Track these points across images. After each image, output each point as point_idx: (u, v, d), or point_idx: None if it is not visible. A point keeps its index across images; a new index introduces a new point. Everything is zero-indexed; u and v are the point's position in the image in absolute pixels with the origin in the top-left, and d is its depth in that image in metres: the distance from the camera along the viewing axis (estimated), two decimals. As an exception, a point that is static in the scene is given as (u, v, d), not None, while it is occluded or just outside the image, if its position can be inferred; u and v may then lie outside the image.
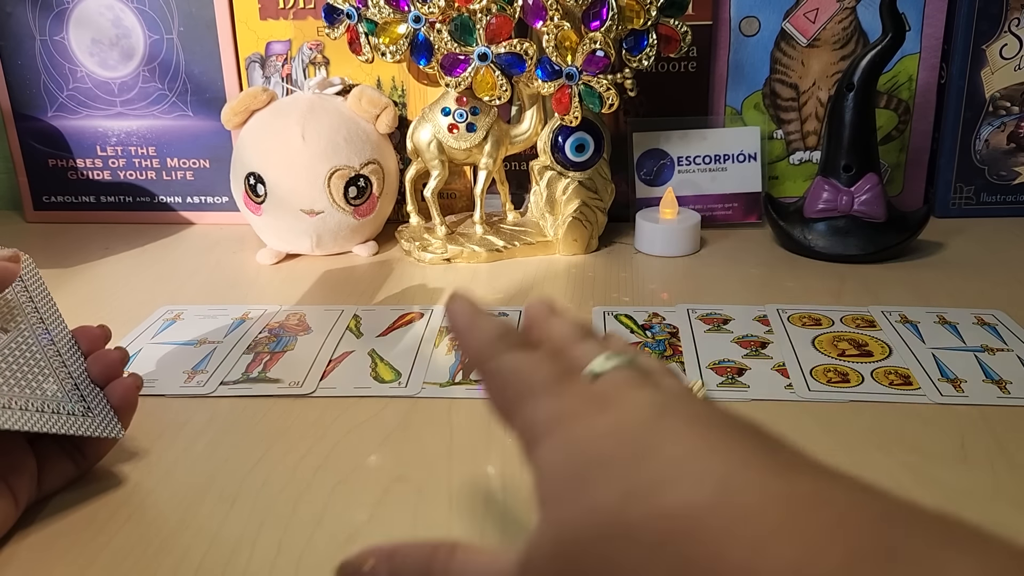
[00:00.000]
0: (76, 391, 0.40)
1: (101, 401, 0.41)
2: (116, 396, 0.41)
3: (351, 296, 0.65)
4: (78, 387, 0.40)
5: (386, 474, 0.42)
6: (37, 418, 0.37)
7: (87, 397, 0.40)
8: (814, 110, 0.80)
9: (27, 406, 0.37)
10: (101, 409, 0.40)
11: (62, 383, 0.40)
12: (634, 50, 0.67)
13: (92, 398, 0.40)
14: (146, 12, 0.78)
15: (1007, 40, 0.76)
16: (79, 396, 0.40)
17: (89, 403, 0.40)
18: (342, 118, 0.71)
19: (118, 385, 0.41)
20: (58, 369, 0.40)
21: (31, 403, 0.37)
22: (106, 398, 0.41)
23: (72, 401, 0.39)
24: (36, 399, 0.38)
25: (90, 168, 0.83)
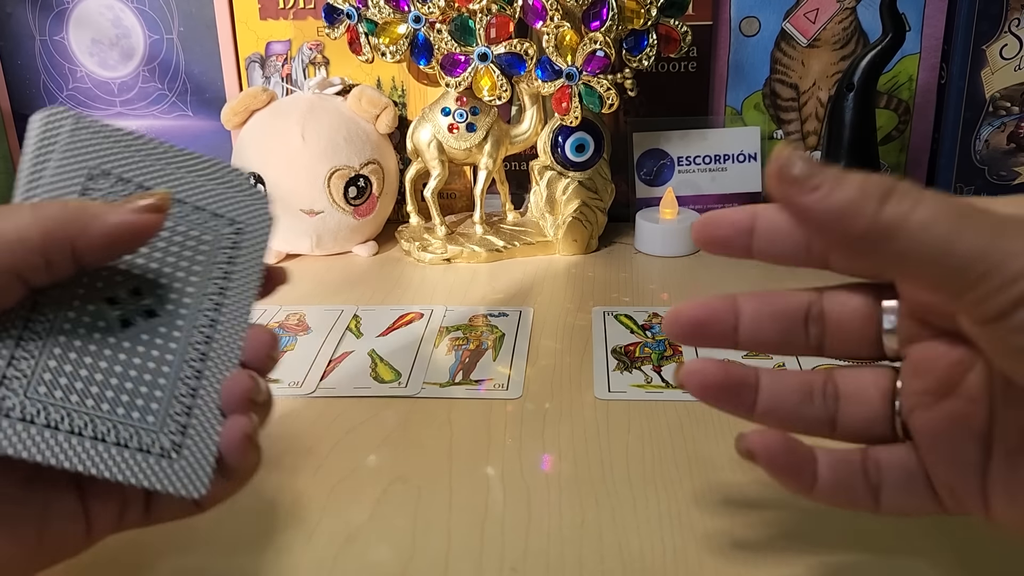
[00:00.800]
0: (182, 418, 0.30)
1: (208, 440, 0.30)
2: (225, 438, 0.30)
3: (351, 296, 0.65)
4: (189, 412, 0.30)
5: (386, 474, 0.42)
6: (95, 453, 0.28)
7: (190, 429, 0.30)
8: (814, 110, 0.79)
9: (104, 434, 0.28)
10: (198, 451, 0.30)
11: (170, 403, 0.30)
12: (634, 50, 0.67)
13: (197, 432, 0.30)
14: (146, 12, 0.78)
15: (1007, 40, 0.76)
16: (179, 427, 0.29)
17: (187, 438, 0.29)
18: (342, 118, 0.71)
19: (230, 424, 0.30)
20: (183, 381, 0.30)
21: (115, 430, 0.28)
22: (217, 436, 0.30)
23: (161, 432, 0.29)
24: (124, 423, 0.29)
25: (90, 168, 0.82)
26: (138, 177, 0.31)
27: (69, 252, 0.27)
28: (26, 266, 0.26)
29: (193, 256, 0.31)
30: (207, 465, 0.30)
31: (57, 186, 0.29)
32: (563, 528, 0.38)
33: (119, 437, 0.28)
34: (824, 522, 0.38)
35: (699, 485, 0.41)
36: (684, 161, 0.78)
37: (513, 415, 0.47)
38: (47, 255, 0.27)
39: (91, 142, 0.30)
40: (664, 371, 0.52)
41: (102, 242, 0.28)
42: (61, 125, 0.30)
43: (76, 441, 0.27)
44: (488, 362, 0.53)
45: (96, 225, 0.27)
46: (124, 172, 0.31)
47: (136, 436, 0.29)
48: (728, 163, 0.78)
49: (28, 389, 0.27)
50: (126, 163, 0.31)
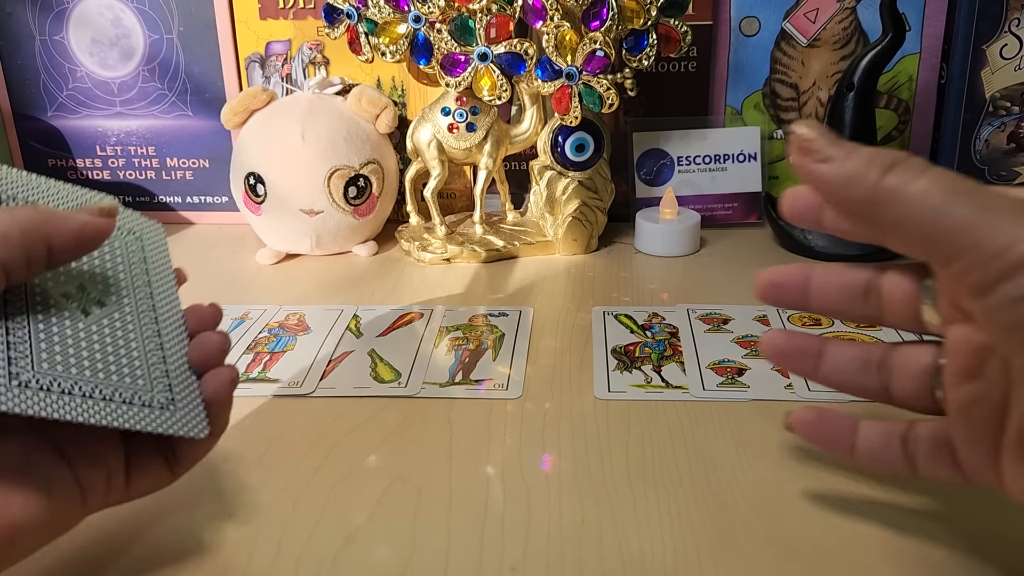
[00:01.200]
0: (164, 379, 0.34)
1: (191, 393, 0.35)
2: (209, 388, 0.35)
3: (351, 296, 0.65)
4: (169, 375, 0.35)
5: (385, 474, 0.42)
6: (112, 409, 0.32)
7: (175, 387, 0.35)
8: (814, 110, 0.79)
9: (110, 395, 0.32)
10: (187, 403, 0.35)
11: (150, 369, 0.34)
12: (634, 50, 0.67)
13: (181, 389, 0.35)
14: (146, 12, 0.78)
15: (1007, 40, 0.76)
16: (166, 386, 0.34)
17: (175, 394, 0.34)
18: (342, 118, 0.71)
19: (213, 377, 0.36)
20: (152, 352, 0.35)
21: (114, 392, 0.32)
22: (199, 390, 0.35)
23: (155, 391, 0.34)
24: (117, 387, 0.33)
25: (90, 168, 0.83)
26: (21, 196, 0.35)
27: (45, 249, 0.30)
28: (9, 260, 0.29)
29: (115, 259, 0.37)
30: (200, 411, 0.35)
31: None
32: (563, 528, 0.38)
33: (124, 396, 0.32)
34: (824, 523, 0.38)
35: (699, 485, 0.41)
36: (684, 161, 0.78)
37: (513, 415, 0.47)
38: (27, 251, 0.30)
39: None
40: (664, 371, 0.52)
41: (72, 241, 0.31)
42: None
43: (92, 403, 0.31)
44: (488, 362, 0.53)
45: (67, 226, 0.31)
46: (27, 197, 0.34)
47: (137, 395, 0.33)
48: (728, 163, 0.78)
49: (34, 365, 0.30)
50: (25, 190, 0.34)
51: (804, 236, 0.70)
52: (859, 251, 0.68)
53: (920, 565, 0.35)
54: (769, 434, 0.45)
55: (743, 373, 0.51)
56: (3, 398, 0.29)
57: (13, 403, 0.29)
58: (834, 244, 0.69)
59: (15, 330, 0.31)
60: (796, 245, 0.71)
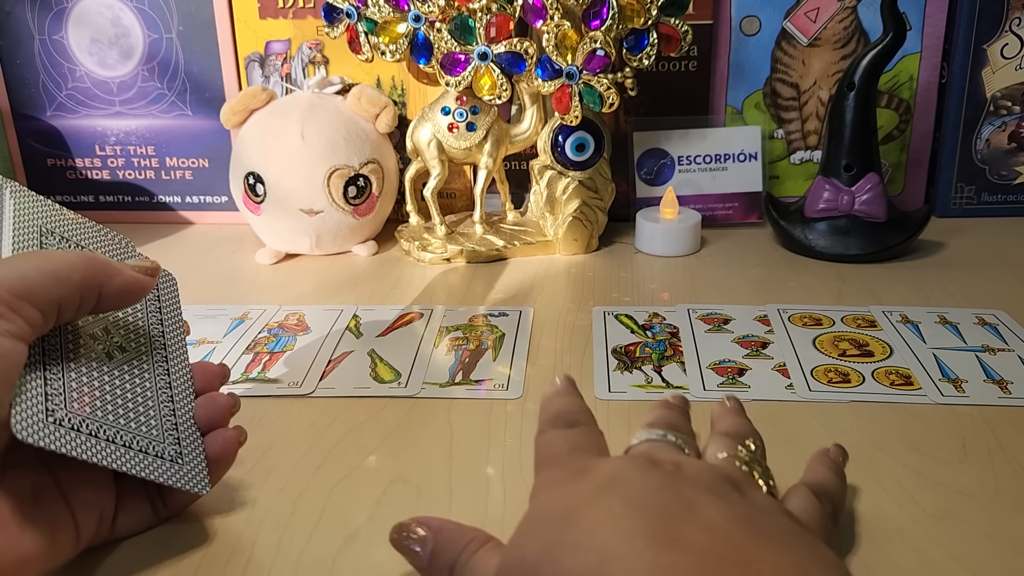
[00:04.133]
0: (174, 432, 0.36)
1: (196, 449, 0.36)
2: (215, 447, 0.37)
3: (351, 296, 0.64)
4: (177, 427, 0.36)
5: (385, 474, 0.42)
6: (130, 456, 0.33)
7: (183, 441, 0.36)
8: (815, 109, 0.79)
9: (129, 443, 0.33)
10: (193, 458, 0.36)
11: (162, 420, 0.36)
12: (634, 49, 0.67)
13: (188, 444, 0.36)
14: (145, 11, 0.78)
15: (1008, 40, 0.76)
16: (175, 439, 0.36)
17: (183, 448, 0.36)
18: (341, 117, 0.71)
19: (219, 436, 0.37)
20: (164, 404, 0.36)
21: (133, 439, 0.34)
22: (203, 447, 0.37)
23: (166, 443, 0.35)
24: (135, 435, 0.34)
25: (89, 168, 0.82)
26: (74, 238, 0.37)
27: (96, 296, 0.33)
28: (67, 302, 0.31)
29: (134, 307, 0.38)
30: (203, 469, 0.36)
31: (20, 239, 0.35)
32: (563, 528, 0.37)
33: (140, 445, 0.34)
34: (825, 522, 0.38)
35: (700, 485, 0.40)
36: (684, 160, 0.78)
37: (513, 415, 0.47)
38: (83, 296, 0.32)
39: (30, 205, 0.36)
40: (664, 371, 0.51)
41: (119, 293, 0.34)
42: (2, 191, 0.35)
43: (114, 448, 0.32)
44: (488, 362, 0.53)
45: (119, 279, 0.33)
46: (63, 232, 0.37)
47: (151, 444, 0.34)
48: (729, 162, 0.78)
49: (66, 404, 0.32)
50: (60, 225, 0.37)
51: (804, 236, 0.70)
52: (859, 251, 0.68)
53: (921, 565, 0.35)
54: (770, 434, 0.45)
55: (744, 373, 0.51)
56: (41, 434, 0.29)
57: (48, 439, 0.30)
58: (834, 244, 0.69)
59: (51, 366, 0.32)
60: (797, 245, 0.71)
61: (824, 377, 0.50)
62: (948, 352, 0.53)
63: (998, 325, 0.57)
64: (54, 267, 0.31)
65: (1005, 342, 0.54)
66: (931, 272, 0.67)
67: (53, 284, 0.31)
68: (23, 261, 0.31)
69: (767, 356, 0.53)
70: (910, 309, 0.59)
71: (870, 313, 0.59)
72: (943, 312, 0.59)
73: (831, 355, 0.53)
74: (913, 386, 0.49)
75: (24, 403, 0.30)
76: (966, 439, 0.44)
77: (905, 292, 0.63)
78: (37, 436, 0.29)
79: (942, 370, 0.51)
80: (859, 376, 0.50)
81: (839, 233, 0.69)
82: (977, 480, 0.40)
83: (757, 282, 0.66)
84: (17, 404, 0.30)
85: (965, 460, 0.42)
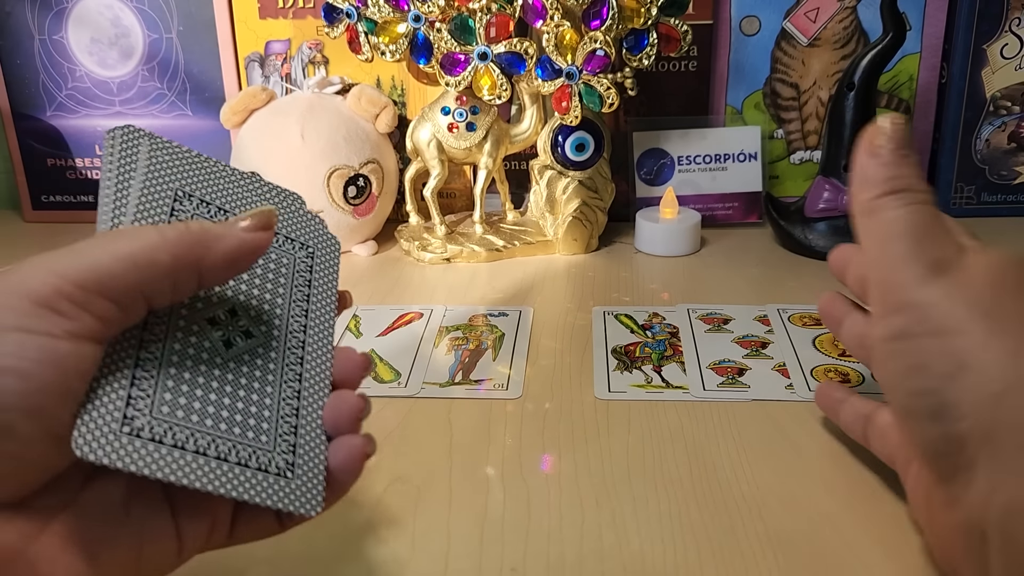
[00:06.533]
0: (291, 438, 0.30)
1: (315, 460, 0.30)
2: (338, 458, 0.30)
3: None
4: (296, 432, 0.30)
5: (385, 474, 0.42)
6: (222, 472, 0.27)
7: (299, 449, 0.30)
8: (815, 109, 0.79)
9: (226, 454, 0.28)
10: (307, 471, 0.29)
11: (279, 423, 0.30)
12: (634, 49, 0.67)
13: (305, 454, 0.30)
14: (145, 11, 0.78)
15: (1008, 40, 0.75)
16: (289, 447, 0.29)
17: (298, 457, 0.29)
18: (341, 117, 0.71)
19: (344, 444, 0.31)
20: (286, 402, 0.30)
21: (231, 450, 0.28)
22: (325, 458, 0.30)
23: (275, 452, 0.29)
24: (236, 443, 0.28)
25: (89, 168, 0.82)
26: (217, 200, 0.32)
27: (196, 273, 0.28)
28: (154, 288, 0.27)
29: (276, 279, 0.32)
30: (319, 484, 0.30)
31: (148, 208, 0.30)
32: (563, 528, 0.38)
33: (239, 457, 0.28)
34: (825, 523, 0.38)
35: (699, 485, 0.40)
36: (684, 160, 0.78)
37: (513, 415, 0.47)
38: (176, 277, 0.27)
39: (170, 163, 0.31)
40: (664, 371, 0.51)
41: (224, 262, 0.28)
42: (138, 145, 0.30)
43: (203, 461, 0.27)
44: (488, 362, 0.53)
45: (219, 246, 0.28)
46: (204, 194, 0.31)
47: (255, 456, 0.29)
48: (728, 162, 0.78)
49: (153, 409, 0.27)
50: (204, 185, 0.31)
51: (804, 236, 0.70)
52: (859, 251, 0.68)
53: (921, 565, 0.35)
54: (770, 434, 0.45)
55: (743, 373, 0.51)
56: (107, 449, 0.25)
57: (115, 456, 0.25)
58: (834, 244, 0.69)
59: (145, 362, 0.27)
60: (796, 245, 0.71)
61: (824, 377, 0.50)
62: (948, 352, 0.53)
63: (998, 325, 0.57)
64: (132, 250, 0.26)
65: (1005, 342, 0.54)
66: (931, 272, 0.67)
67: (132, 270, 0.26)
68: (97, 246, 0.26)
69: (767, 356, 0.53)
70: (910, 309, 0.59)
71: (870, 313, 0.59)
72: (943, 312, 0.59)
73: (831, 355, 0.53)
74: (913, 386, 0.49)
75: (92, 413, 0.25)
76: (966, 439, 0.44)
77: (905, 292, 0.63)
78: (101, 452, 0.25)
79: (942, 370, 0.50)
80: (859, 376, 0.50)
81: (839, 233, 0.69)
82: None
83: (757, 282, 0.66)
84: (83, 415, 0.25)
85: (965, 460, 0.42)
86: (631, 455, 0.43)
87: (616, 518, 0.38)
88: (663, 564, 0.35)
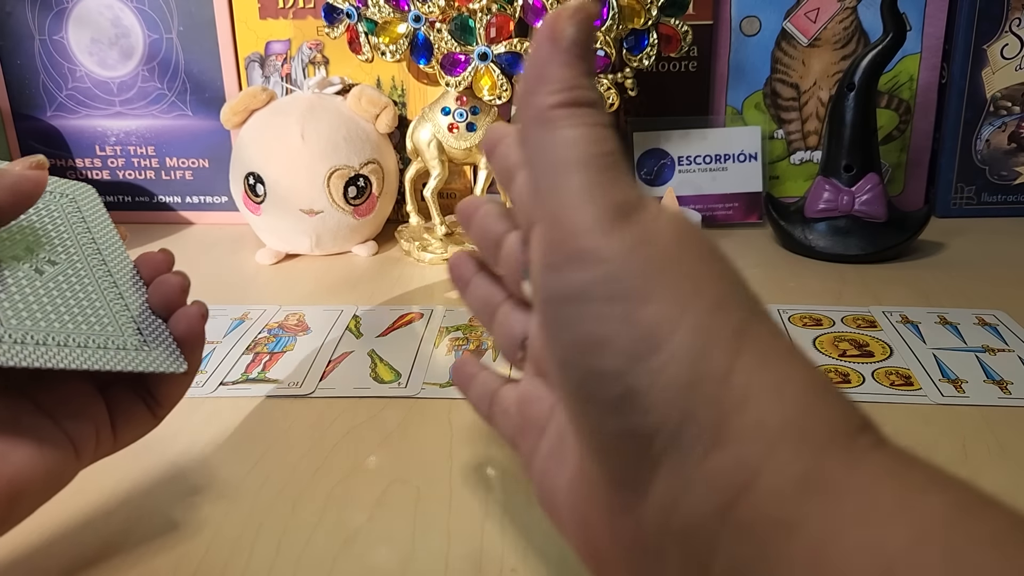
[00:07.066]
0: (132, 323, 0.34)
1: (162, 334, 0.35)
2: (180, 328, 0.35)
3: (351, 296, 0.64)
4: (135, 320, 0.35)
5: (385, 475, 0.42)
6: (89, 355, 0.32)
7: (144, 330, 0.34)
8: (815, 110, 0.79)
9: (84, 343, 0.32)
10: (160, 342, 0.34)
11: (115, 316, 0.34)
12: (635, 49, 0.67)
13: (150, 331, 0.35)
14: (145, 11, 0.78)
15: (1008, 40, 0.75)
16: (135, 329, 0.34)
17: (145, 336, 0.34)
18: (342, 118, 0.71)
19: (181, 315, 0.35)
20: (113, 301, 0.35)
21: (87, 339, 0.32)
22: (168, 331, 0.35)
23: (125, 335, 0.34)
24: (88, 335, 0.32)
25: (89, 168, 0.82)
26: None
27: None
28: None
29: (54, 220, 0.37)
30: (175, 350, 0.35)
31: None
32: (563, 529, 0.37)
33: (97, 342, 0.32)
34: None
35: (700, 486, 0.40)
36: (684, 161, 0.78)
37: (513, 415, 0.47)
38: None
39: None
40: (664, 371, 0.51)
41: (9, 195, 0.31)
42: None
43: (68, 351, 0.31)
44: (488, 363, 0.53)
45: (5, 180, 0.31)
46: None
47: (110, 340, 0.33)
48: (729, 163, 0.78)
49: (2, 322, 0.30)
50: None
51: (805, 236, 0.70)
52: (859, 251, 0.68)
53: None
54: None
55: (744, 373, 0.51)
56: None
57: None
58: (834, 244, 0.69)
59: None
60: (797, 245, 0.71)
61: (824, 377, 0.50)
62: (948, 352, 0.53)
63: (998, 325, 0.57)
64: None
65: (1005, 342, 0.54)
66: (931, 272, 0.67)
67: None
68: None
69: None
70: (910, 309, 0.59)
71: (870, 313, 0.59)
72: (943, 312, 0.59)
73: (831, 355, 0.53)
74: (913, 386, 0.49)
75: None
76: (966, 439, 0.44)
77: (905, 292, 0.63)
78: None
79: (942, 370, 0.51)
80: (859, 376, 0.50)
81: (839, 233, 0.69)
82: (977, 480, 0.40)
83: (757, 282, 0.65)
84: None
85: (965, 460, 0.42)
86: (631, 456, 0.43)
87: (616, 519, 0.38)
88: (663, 565, 0.35)
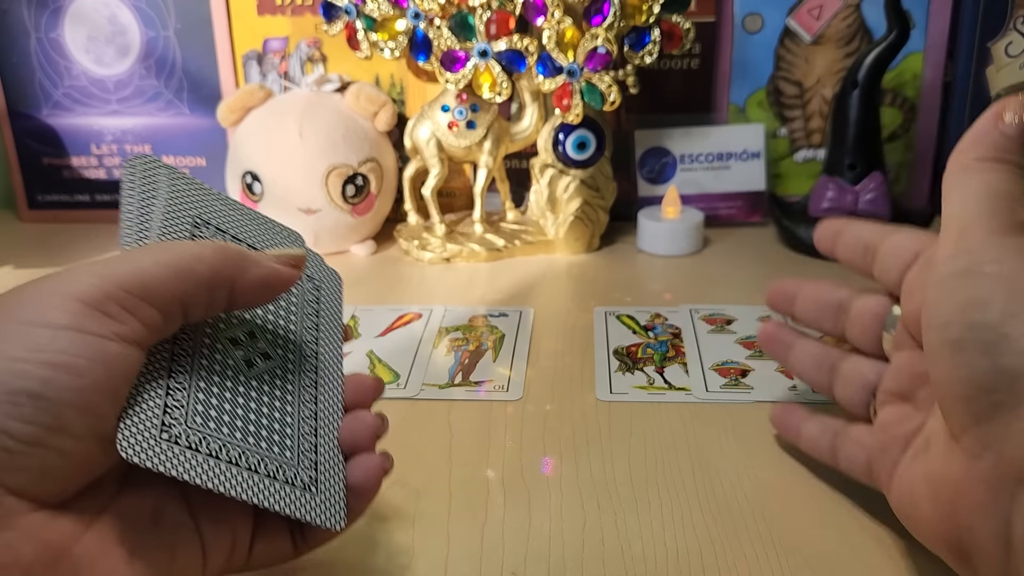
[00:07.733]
0: (313, 455, 0.31)
1: (336, 476, 0.31)
2: (357, 475, 0.32)
3: (349, 296, 0.63)
4: (316, 450, 0.31)
5: (383, 477, 0.41)
6: (254, 482, 0.28)
7: (321, 466, 0.31)
8: (818, 108, 0.79)
9: (255, 465, 0.29)
10: (330, 487, 0.31)
11: (300, 440, 0.31)
12: (636, 47, 0.67)
13: (326, 470, 0.31)
14: (142, 9, 0.77)
15: (1012, 38, 0.75)
16: (311, 462, 0.31)
17: (320, 475, 0.30)
18: (340, 116, 0.71)
19: (362, 462, 0.32)
20: (305, 421, 0.31)
21: (260, 462, 0.29)
22: (343, 475, 0.31)
23: (300, 467, 0.30)
24: (265, 456, 0.29)
25: (85, 166, 0.82)
26: (231, 230, 0.34)
27: (228, 291, 0.29)
28: (191, 299, 0.28)
29: (288, 307, 0.34)
30: (341, 499, 0.31)
31: (170, 229, 0.31)
32: (564, 532, 0.37)
33: (268, 469, 0.29)
34: (829, 526, 0.37)
35: (702, 488, 0.40)
36: (687, 159, 0.77)
37: (513, 417, 0.47)
38: (211, 290, 0.28)
39: (187, 192, 0.33)
40: (667, 372, 0.51)
41: (255, 287, 0.30)
42: (158, 174, 0.33)
43: (236, 471, 0.28)
44: (488, 363, 0.53)
45: (253, 270, 0.30)
46: (219, 224, 0.33)
47: (281, 469, 0.29)
48: (731, 161, 0.77)
49: (187, 419, 0.28)
50: (218, 215, 0.34)
51: (808, 235, 0.70)
52: (864, 250, 0.68)
53: (924, 567, 0.34)
54: (773, 436, 0.44)
55: (747, 375, 0.50)
56: (149, 452, 0.26)
57: (157, 460, 0.26)
58: (838, 243, 0.68)
59: (177, 374, 0.29)
60: (800, 244, 0.70)
61: (829, 378, 0.49)
62: (954, 353, 0.52)
63: (1004, 325, 0.56)
64: (176, 259, 0.27)
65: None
66: (936, 272, 0.66)
67: (174, 279, 0.27)
68: (142, 254, 0.28)
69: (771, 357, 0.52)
70: (915, 309, 0.59)
71: (875, 313, 0.58)
72: (949, 312, 0.58)
73: (836, 356, 0.52)
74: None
75: (135, 417, 0.26)
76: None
77: (910, 292, 0.62)
78: (144, 455, 0.26)
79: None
80: (864, 377, 0.50)
81: (843, 232, 0.69)
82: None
83: (760, 282, 0.66)
84: (127, 418, 0.26)
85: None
86: (633, 457, 0.42)
87: (618, 521, 0.38)
88: (665, 567, 0.35)
